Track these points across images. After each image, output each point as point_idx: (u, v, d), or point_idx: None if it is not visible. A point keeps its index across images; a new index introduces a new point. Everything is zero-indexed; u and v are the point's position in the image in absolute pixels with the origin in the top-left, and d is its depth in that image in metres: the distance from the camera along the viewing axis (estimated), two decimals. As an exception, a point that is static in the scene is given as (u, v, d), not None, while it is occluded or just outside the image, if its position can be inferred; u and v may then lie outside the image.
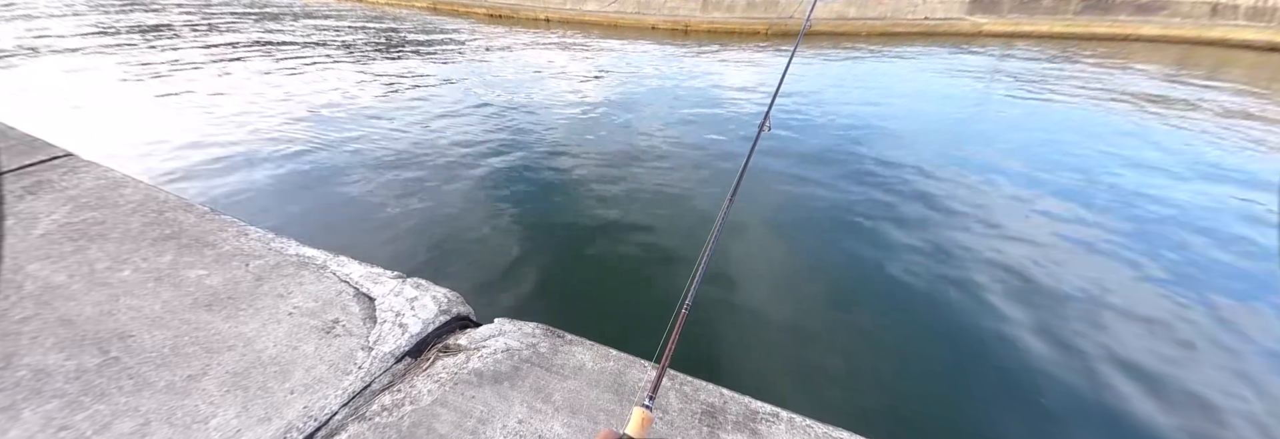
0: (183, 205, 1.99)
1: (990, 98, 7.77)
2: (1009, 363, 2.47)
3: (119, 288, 1.51)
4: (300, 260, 1.69)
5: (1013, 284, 3.04)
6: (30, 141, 2.45)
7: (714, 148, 5.18)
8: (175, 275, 1.58)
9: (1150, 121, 6.52)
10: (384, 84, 7.32)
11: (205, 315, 1.42)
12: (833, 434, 1.20)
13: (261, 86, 6.82)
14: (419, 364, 1.33)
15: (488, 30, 13.57)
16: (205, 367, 1.26)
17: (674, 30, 14.46)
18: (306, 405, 1.17)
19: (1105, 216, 3.87)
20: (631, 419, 0.76)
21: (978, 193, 4.27)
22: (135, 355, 1.28)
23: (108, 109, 5.63)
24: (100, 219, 1.86)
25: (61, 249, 1.68)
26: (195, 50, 8.98)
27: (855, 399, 2.26)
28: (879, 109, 6.81)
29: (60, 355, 1.27)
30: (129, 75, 7.10)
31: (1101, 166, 4.90)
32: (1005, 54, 11.73)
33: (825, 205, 4.01)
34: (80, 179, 2.13)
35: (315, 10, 15.56)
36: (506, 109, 6.29)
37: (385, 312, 1.48)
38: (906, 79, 9.00)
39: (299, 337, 1.36)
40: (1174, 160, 5.12)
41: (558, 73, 8.58)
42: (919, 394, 2.30)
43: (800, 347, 2.55)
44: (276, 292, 1.53)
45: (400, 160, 4.54)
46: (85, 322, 1.38)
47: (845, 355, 2.51)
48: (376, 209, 3.67)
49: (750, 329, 2.64)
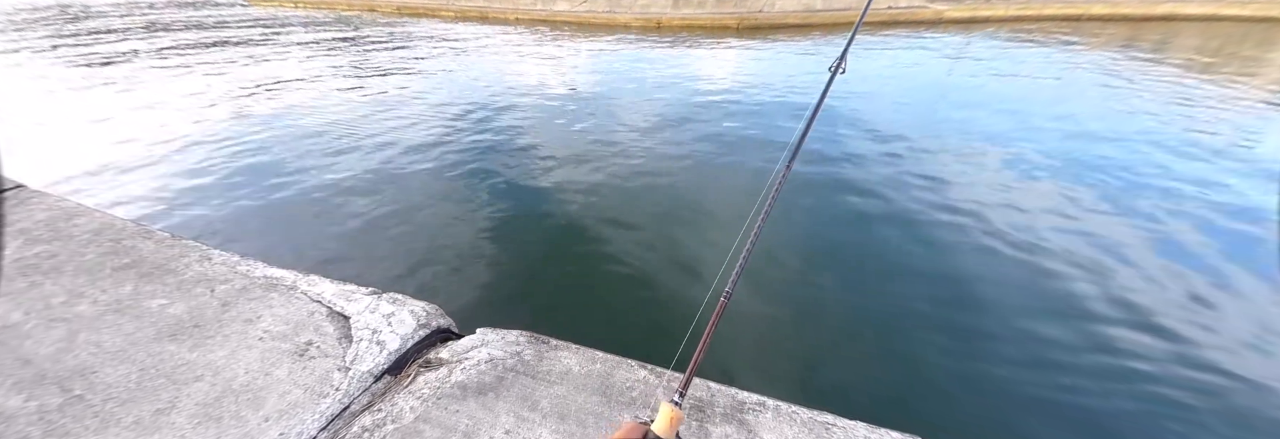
0: (141, 232, 1.92)
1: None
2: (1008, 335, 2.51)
3: (77, 323, 1.45)
4: (268, 282, 1.63)
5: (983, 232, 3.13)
6: (-26, 176, 2.33)
7: (695, 143, 5.18)
8: (136, 306, 1.51)
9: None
10: (348, 91, 7.17)
11: (170, 346, 1.36)
12: (818, 418, 1.20)
13: (215, 100, 6.62)
14: (399, 381, 1.29)
15: (457, 32, 13.38)
16: (173, 399, 1.21)
17: (646, 27, 14.48)
18: (282, 433, 1.13)
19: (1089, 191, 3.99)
20: (660, 416, 0.67)
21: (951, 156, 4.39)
22: (99, 392, 1.23)
23: (56, 134, 5.40)
24: (54, 252, 1.78)
25: (15, 286, 1.60)
26: (143, 63, 8.68)
27: (845, 387, 2.27)
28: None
29: (20, 397, 1.21)
30: (73, 94, 6.83)
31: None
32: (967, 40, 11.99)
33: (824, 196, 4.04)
34: (31, 211, 2.04)
35: (272, 16, 15.18)
36: (478, 112, 6.21)
37: (361, 329, 1.44)
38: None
39: (271, 362, 1.32)
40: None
41: (529, 73, 8.50)
42: (910, 379, 2.32)
43: (790, 338, 2.56)
44: (244, 316, 1.48)
45: (369, 171, 4.44)
46: (44, 360, 1.32)
47: (830, 344, 2.52)
48: (348, 223, 3.58)
49: (741, 324, 2.64)
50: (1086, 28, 13.66)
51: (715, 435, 1.14)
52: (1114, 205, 3.75)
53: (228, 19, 15.32)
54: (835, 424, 1.19)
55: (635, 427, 0.64)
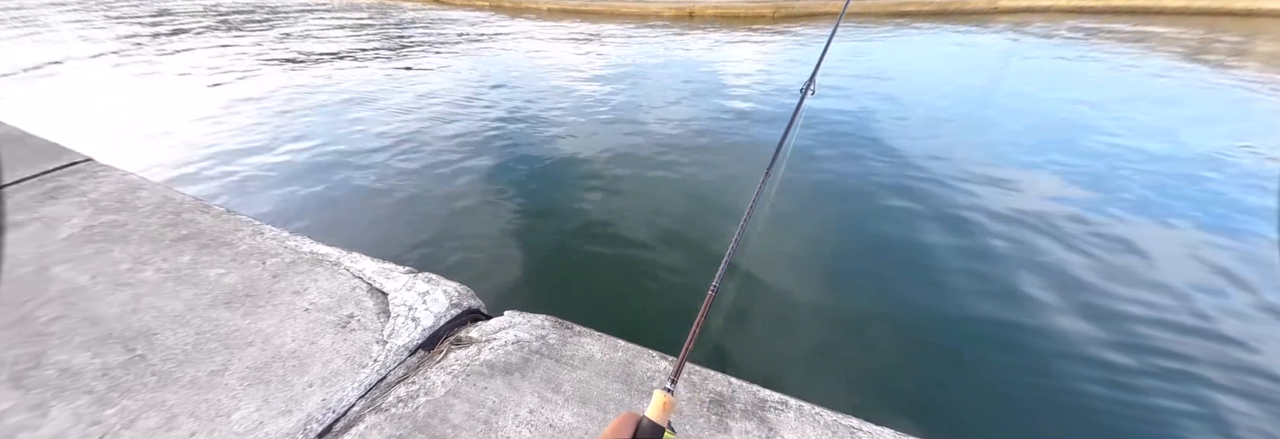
0: (199, 206, 2.04)
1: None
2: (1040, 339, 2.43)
3: (141, 288, 1.56)
4: (314, 257, 1.72)
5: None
6: (50, 148, 2.51)
7: (727, 134, 5.13)
8: (195, 275, 1.62)
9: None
10: (390, 78, 7.35)
11: (225, 313, 1.46)
12: (843, 422, 1.20)
13: (267, 84, 6.90)
14: (432, 356, 1.35)
15: (491, 22, 13.50)
16: (226, 362, 1.30)
17: (678, 16, 14.25)
18: (325, 398, 1.20)
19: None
20: (652, 402, 0.70)
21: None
22: (159, 352, 1.33)
23: (124, 114, 5.75)
24: (121, 222, 1.91)
25: (84, 252, 1.73)
26: (201, 51, 9.08)
27: (870, 390, 2.26)
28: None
29: (87, 354, 1.32)
30: (142, 78, 7.23)
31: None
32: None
33: (849, 186, 3.96)
34: (99, 183, 2.19)
35: (316, 6, 15.61)
36: (513, 100, 6.28)
37: (398, 306, 1.50)
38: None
39: (316, 332, 1.40)
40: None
41: (562, 62, 8.53)
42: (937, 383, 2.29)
43: (814, 335, 2.55)
44: (292, 288, 1.56)
45: (409, 155, 4.58)
46: (110, 321, 1.43)
47: (857, 343, 2.50)
48: (387, 205, 3.71)
49: (762, 318, 2.64)
50: (1158, 21, 12.75)
51: (735, 431, 1.15)
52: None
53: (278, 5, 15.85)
54: (861, 429, 1.18)
55: (630, 415, 0.67)
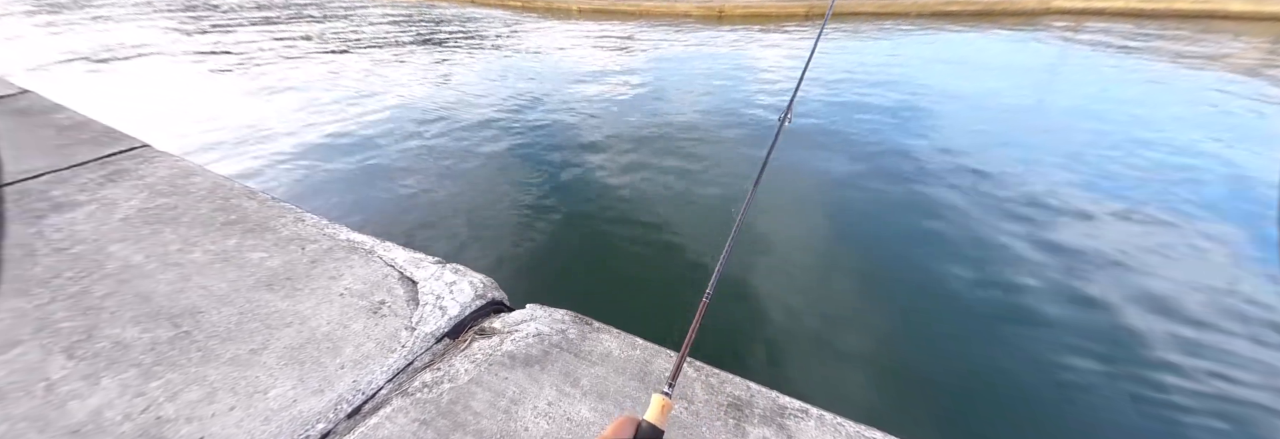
0: (246, 193, 2.14)
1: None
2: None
3: (190, 268, 1.65)
4: (350, 245, 1.79)
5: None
6: (110, 133, 2.66)
7: (751, 136, 5.10)
8: (240, 257, 1.70)
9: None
10: (425, 74, 7.55)
11: (266, 294, 1.53)
12: (865, 433, 1.18)
13: (309, 79, 7.16)
14: (457, 345, 1.39)
15: (521, 21, 13.68)
16: (265, 341, 1.36)
17: (707, 16, 14.15)
18: (355, 379, 1.25)
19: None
20: (651, 406, 0.73)
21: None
22: (204, 330, 1.40)
23: (179, 104, 6.06)
24: (173, 205, 2.02)
25: (139, 232, 1.84)
26: (254, 46, 9.47)
27: (886, 397, 2.23)
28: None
29: (137, 329, 1.41)
30: (197, 71, 7.59)
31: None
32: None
33: (858, 191, 3.90)
34: (155, 168, 2.31)
35: (360, 5, 16.09)
36: (542, 99, 6.37)
37: (427, 295, 1.55)
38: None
39: (349, 316, 1.46)
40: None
41: (592, 61, 8.59)
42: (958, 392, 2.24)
43: (832, 341, 2.52)
44: (329, 274, 1.63)
45: (441, 153, 4.70)
46: (160, 298, 1.52)
47: (875, 350, 2.46)
48: (419, 198, 3.82)
49: (778, 323, 2.62)
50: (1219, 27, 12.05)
51: (753, 436, 1.15)
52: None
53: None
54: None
55: (629, 418, 0.69)
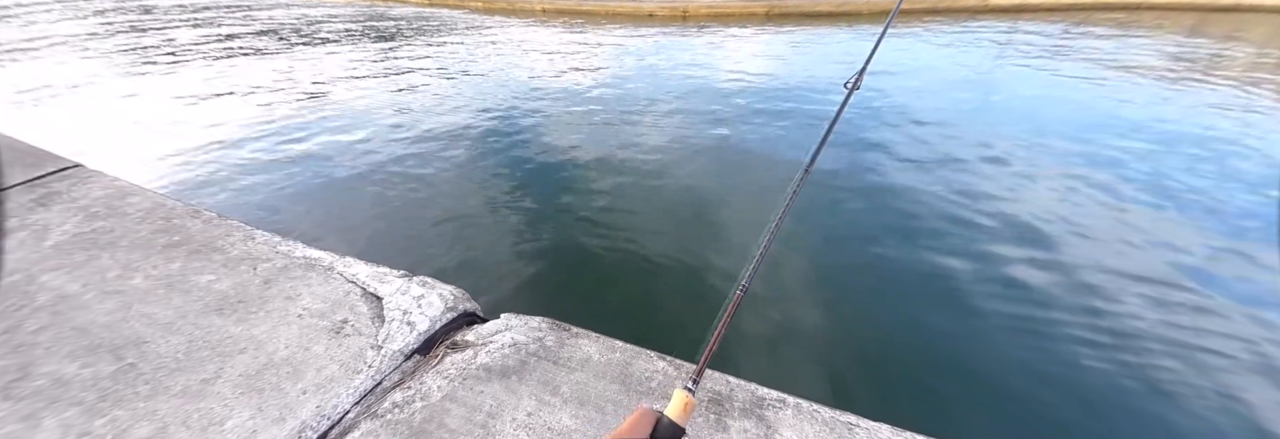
0: (190, 212, 2.01)
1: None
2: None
3: (131, 295, 1.54)
4: (307, 262, 1.70)
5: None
6: (38, 154, 2.48)
7: (719, 139, 5.13)
8: (185, 281, 1.60)
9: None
10: (381, 79, 7.32)
11: (216, 320, 1.44)
12: (841, 418, 1.19)
13: (253, 84, 6.86)
14: (428, 361, 1.34)
15: (484, 23, 13.47)
16: (219, 370, 1.28)
17: (671, 17, 14.27)
18: (319, 405, 1.18)
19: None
20: (673, 401, 0.67)
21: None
22: (150, 361, 1.31)
23: (110, 117, 5.69)
24: (110, 228, 1.88)
25: (74, 259, 1.71)
26: (188, 51, 9.01)
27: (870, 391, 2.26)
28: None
29: (76, 364, 1.30)
30: (125, 79, 7.16)
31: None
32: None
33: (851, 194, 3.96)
34: (89, 189, 2.16)
35: (308, 5, 15.55)
36: (507, 101, 6.26)
37: (393, 310, 1.49)
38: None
39: (309, 337, 1.38)
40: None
41: (555, 65, 8.52)
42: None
43: (816, 338, 2.54)
44: (285, 294, 1.54)
45: (402, 158, 4.55)
46: (100, 330, 1.41)
47: (859, 346, 2.50)
48: (381, 209, 3.69)
49: (762, 320, 2.63)
50: (1145, 18, 12.85)
51: (733, 430, 1.14)
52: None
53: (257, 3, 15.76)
54: (858, 425, 1.18)
55: (648, 412, 0.64)
